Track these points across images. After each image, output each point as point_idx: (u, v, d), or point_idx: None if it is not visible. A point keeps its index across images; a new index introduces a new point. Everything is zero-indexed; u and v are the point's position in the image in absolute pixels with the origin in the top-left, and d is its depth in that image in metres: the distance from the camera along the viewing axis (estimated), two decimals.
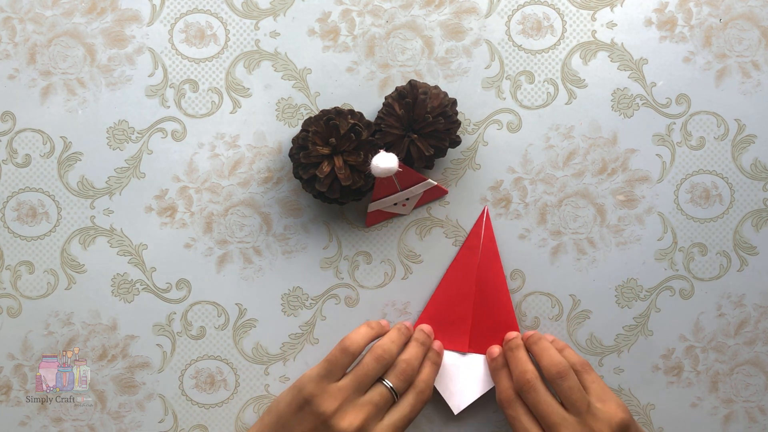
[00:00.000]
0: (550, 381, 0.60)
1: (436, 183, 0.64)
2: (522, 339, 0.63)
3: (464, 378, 0.64)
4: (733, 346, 0.65)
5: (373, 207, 0.64)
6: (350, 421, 0.58)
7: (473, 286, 0.64)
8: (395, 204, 0.64)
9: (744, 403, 0.66)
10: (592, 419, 0.58)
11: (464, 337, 0.64)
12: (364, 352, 0.62)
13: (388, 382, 0.60)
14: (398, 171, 0.61)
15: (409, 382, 0.61)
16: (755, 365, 0.66)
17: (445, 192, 0.65)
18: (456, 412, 0.64)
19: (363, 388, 0.60)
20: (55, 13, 0.64)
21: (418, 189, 0.64)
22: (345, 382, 0.60)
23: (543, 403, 0.59)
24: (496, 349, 0.64)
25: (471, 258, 0.64)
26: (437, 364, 0.63)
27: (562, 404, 0.59)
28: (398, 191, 0.64)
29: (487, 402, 0.65)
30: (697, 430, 0.66)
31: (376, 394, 0.60)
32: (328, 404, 0.59)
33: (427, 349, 0.63)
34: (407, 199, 0.64)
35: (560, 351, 0.62)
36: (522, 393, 0.60)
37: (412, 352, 0.62)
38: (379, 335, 0.62)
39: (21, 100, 0.64)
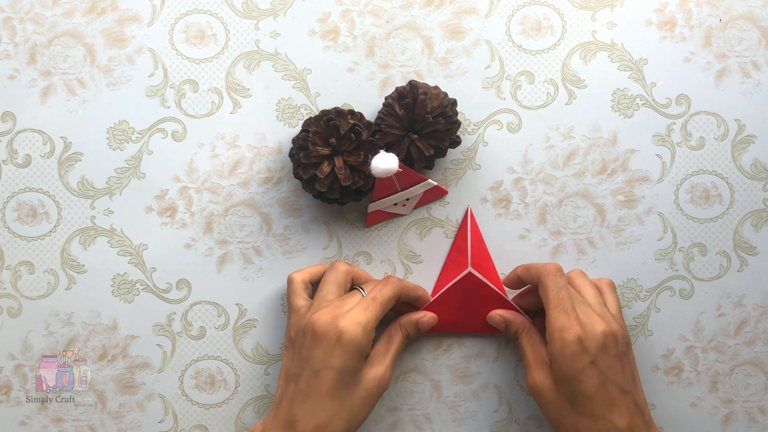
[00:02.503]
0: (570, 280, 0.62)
1: (436, 183, 0.64)
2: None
3: None
4: (733, 346, 0.65)
5: (373, 207, 0.64)
6: (320, 314, 0.58)
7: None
8: (395, 204, 0.64)
9: (744, 403, 0.66)
10: (606, 311, 0.60)
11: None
12: None
13: (362, 289, 0.60)
14: (398, 171, 0.61)
15: (387, 293, 0.60)
16: (755, 365, 0.66)
17: (445, 192, 0.65)
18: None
19: (325, 293, 0.60)
20: (56, 13, 0.64)
21: (418, 189, 0.64)
22: (306, 304, 0.61)
23: (564, 288, 0.59)
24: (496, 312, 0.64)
25: (461, 261, 0.64)
26: (409, 284, 0.63)
27: None
28: (398, 191, 0.64)
29: (487, 402, 0.65)
30: (697, 430, 0.66)
31: (348, 294, 0.60)
32: (296, 320, 0.60)
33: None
34: (407, 199, 0.64)
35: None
36: (545, 279, 0.59)
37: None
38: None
39: (21, 100, 0.64)
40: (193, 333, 0.65)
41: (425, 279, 0.65)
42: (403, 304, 0.63)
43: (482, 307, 0.63)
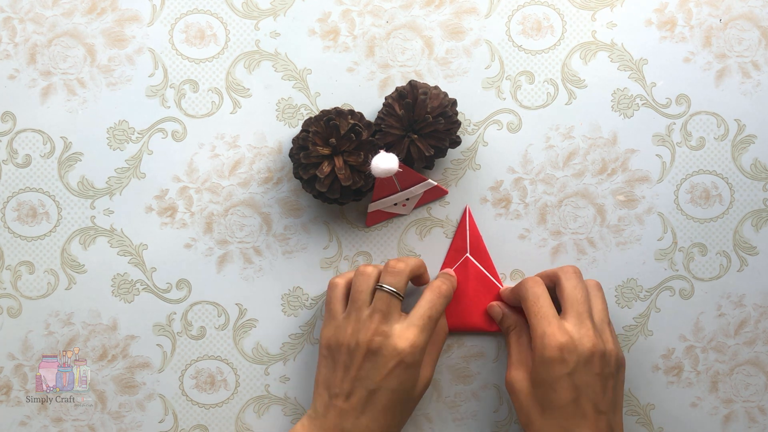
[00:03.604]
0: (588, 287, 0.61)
1: (436, 183, 0.64)
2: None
3: None
4: (733, 346, 0.65)
5: (373, 207, 0.64)
6: (364, 335, 0.58)
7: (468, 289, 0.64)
8: (395, 204, 0.64)
9: (744, 403, 0.66)
10: (609, 331, 0.60)
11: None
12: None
13: (383, 286, 0.59)
14: (398, 171, 0.61)
15: (404, 274, 0.59)
16: (755, 365, 0.66)
17: (445, 192, 0.65)
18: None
19: (363, 304, 0.59)
20: (55, 13, 0.64)
21: (418, 189, 0.64)
22: (345, 310, 0.60)
23: (582, 291, 0.59)
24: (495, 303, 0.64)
25: (459, 260, 0.64)
26: (450, 280, 0.62)
27: None
28: (398, 191, 0.64)
29: (487, 402, 0.65)
30: (697, 430, 0.66)
31: (377, 301, 0.59)
32: (343, 335, 0.59)
33: (421, 266, 0.62)
34: (407, 199, 0.64)
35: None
36: (565, 276, 0.60)
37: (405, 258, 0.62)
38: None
39: (21, 100, 0.64)
40: (193, 333, 0.65)
41: None
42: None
43: (480, 300, 0.64)
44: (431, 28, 0.65)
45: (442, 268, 0.65)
